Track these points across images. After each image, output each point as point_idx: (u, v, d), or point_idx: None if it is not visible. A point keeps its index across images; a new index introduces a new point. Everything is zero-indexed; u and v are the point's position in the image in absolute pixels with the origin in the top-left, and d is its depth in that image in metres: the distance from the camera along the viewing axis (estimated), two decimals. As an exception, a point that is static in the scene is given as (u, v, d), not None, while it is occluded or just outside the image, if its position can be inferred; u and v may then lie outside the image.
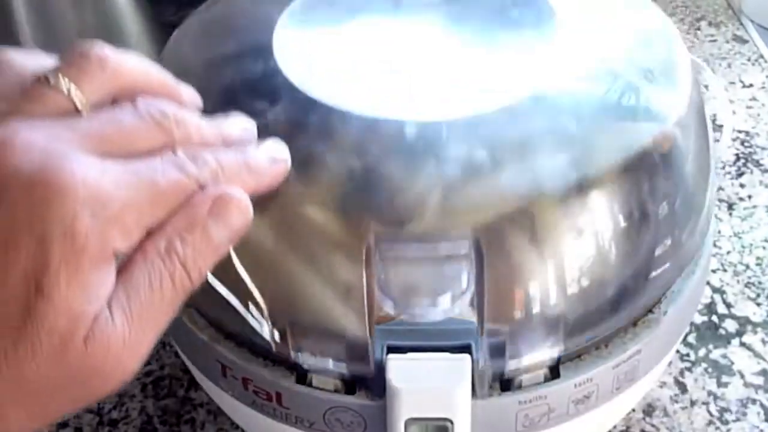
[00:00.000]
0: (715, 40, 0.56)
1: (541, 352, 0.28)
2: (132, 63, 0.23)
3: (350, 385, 0.28)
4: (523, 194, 0.26)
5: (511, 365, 0.28)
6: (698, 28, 0.58)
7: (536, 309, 0.27)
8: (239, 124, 0.25)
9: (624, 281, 0.28)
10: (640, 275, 0.28)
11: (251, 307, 0.27)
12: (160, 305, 0.21)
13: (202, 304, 0.29)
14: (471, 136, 0.27)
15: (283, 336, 0.28)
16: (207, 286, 0.27)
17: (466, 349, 0.27)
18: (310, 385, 0.28)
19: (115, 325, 0.20)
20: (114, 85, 0.22)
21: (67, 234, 0.19)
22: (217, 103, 0.29)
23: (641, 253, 0.28)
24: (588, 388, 0.29)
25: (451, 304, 0.26)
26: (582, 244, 0.27)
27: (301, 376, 0.28)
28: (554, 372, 0.28)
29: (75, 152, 0.20)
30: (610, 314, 0.28)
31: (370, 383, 0.27)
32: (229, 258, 0.24)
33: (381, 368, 0.27)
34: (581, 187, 0.26)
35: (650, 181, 0.28)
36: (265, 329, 0.27)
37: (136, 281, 0.21)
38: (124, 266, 0.21)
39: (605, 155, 0.27)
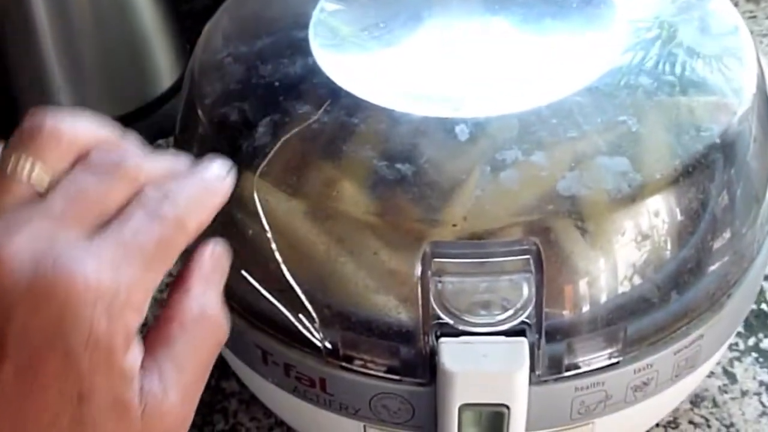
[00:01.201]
0: (754, 17, 0.54)
1: (600, 338, 0.26)
2: (84, 126, 0.22)
3: (397, 369, 0.27)
4: (579, 191, 0.25)
5: (568, 350, 0.26)
6: (736, 4, 0.56)
7: (594, 299, 0.25)
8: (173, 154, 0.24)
9: (685, 274, 0.27)
10: (702, 268, 0.27)
11: (294, 293, 0.26)
12: (207, 365, 0.22)
13: (240, 292, 0.28)
14: (524, 133, 0.26)
15: (327, 320, 0.26)
16: (243, 279, 0.26)
17: (521, 333, 0.25)
18: (355, 370, 0.27)
19: (170, 402, 0.20)
20: (71, 155, 0.21)
21: (89, 342, 0.19)
22: (257, 103, 0.28)
23: (703, 245, 0.27)
24: (647, 375, 0.27)
25: (511, 317, 0.25)
26: (641, 239, 0.26)
27: (346, 360, 0.27)
28: (613, 357, 0.27)
29: (65, 250, 0.19)
30: (672, 304, 0.27)
31: (418, 368, 0.26)
32: (270, 247, 0.24)
33: (432, 352, 0.25)
34: (639, 184, 0.25)
35: (712, 174, 0.27)
36: (310, 317, 0.26)
37: (180, 352, 0.21)
38: (159, 337, 0.21)
39: (663, 151, 0.26)
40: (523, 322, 0.26)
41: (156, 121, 0.49)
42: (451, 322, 0.25)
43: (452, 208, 0.25)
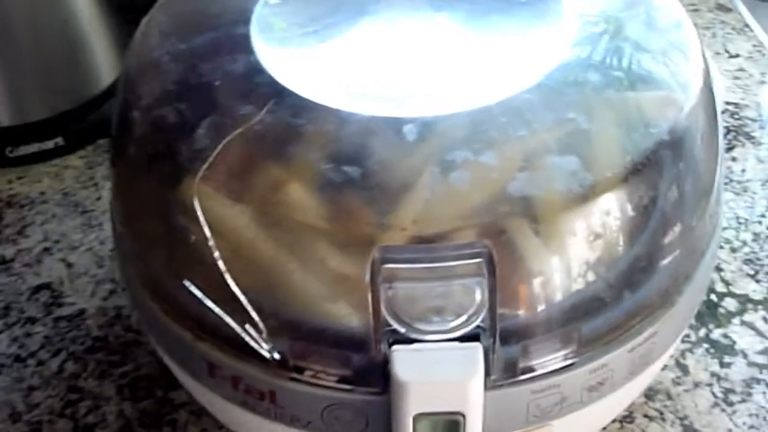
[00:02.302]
0: (697, 10, 0.55)
1: (555, 340, 0.26)
2: None
3: (349, 379, 0.26)
4: (530, 192, 0.24)
5: (522, 353, 0.26)
6: None
7: (548, 300, 0.25)
8: None
9: (638, 271, 0.26)
10: (655, 264, 0.27)
11: (239, 303, 0.25)
12: None
13: (184, 302, 0.27)
14: (474, 133, 0.25)
15: (275, 330, 0.25)
16: (187, 289, 0.25)
17: (475, 337, 0.25)
18: (305, 381, 0.26)
19: None
20: None
21: None
22: (197, 103, 0.27)
23: (655, 242, 0.26)
24: (602, 375, 0.27)
25: (465, 323, 0.24)
26: (594, 238, 0.25)
27: (296, 371, 0.26)
28: (568, 359, 0.26)
29: None
30: (625, 302, 0.26)
31: (371, 377, 0.25)
32: (212, 255, 0.22)
33: (385, 360, 0.25)
34: (590, 183, 0.25)
35: (661, 170, 0.26)
36: (256, 327, 0.25)
37: None
38: None
39: (614, 148, 0.26)
40: (477, 326, 0.25)
41: (97, 119, 0.47)
42: (402, 330, 0.24)
43: (401, 212, 0.24)
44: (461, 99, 0.27)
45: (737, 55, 0.51)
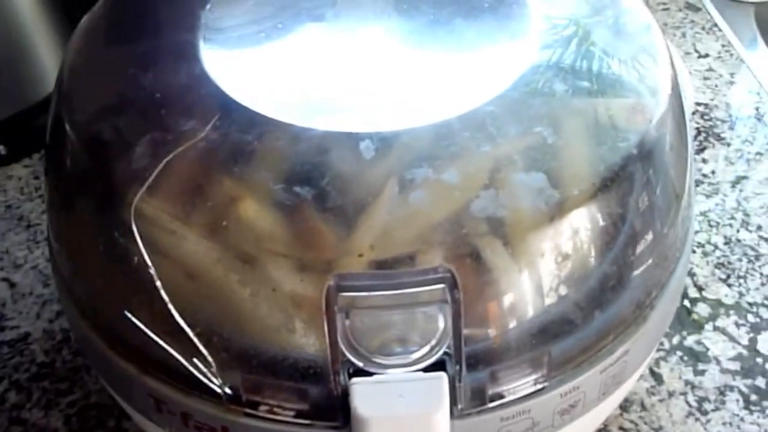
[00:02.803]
0: (667, 9, 0.54)
1: (524, 364, 0.25)
2: None
3: (308, 414, 0.24)
4: (495, 212, 0.23)
5: (491, 379, 0.24)
6: (648, -4, 0.55)
7: (515, 324, 0.23)
8: None
9: (608, 291, 0.25)
10: (625, 282, 0.25)
11: (186, 334, 0.23)
12: None
13: (127, 334, 0.25)
14: (435, 148, 0.24)
15: (225, 363, 0.24)
16: (129, 319, 0.23)
17: (441, 364, 0.23)
18: (260, 416, 0.24)
19: None
20: None
21: None
22: (136, 117, 0.25)
23: (625, 260, 0.25)
24: (574, 397, 0.26)
25: (428, 353, 0.22)
26: (561, 259, 0.24)
27: (250, 406, 0.24)
28: (538, 383, 0.25)
29: None
30: (596, 322, 0.25)
31: (331, 411, 0.24)
32: (154, 283, 0.20)
33: (345, 392, 0.23)
34: (557, 201, 0.23)
35: (631, 185, 0.25)
36: (205, 360, 0.23)
37: None
38: None
39: (581, 163, 0.24)
40: (444, 352, 0.23)
41: (43, 126, 0.45)
42: (360, 364, 0.22)
43: (358, 236, 0.23)
44: (421, 112, 0.25)
45: (707, 55, 0.50)
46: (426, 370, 0.23)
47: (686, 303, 0.38)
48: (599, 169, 0.24)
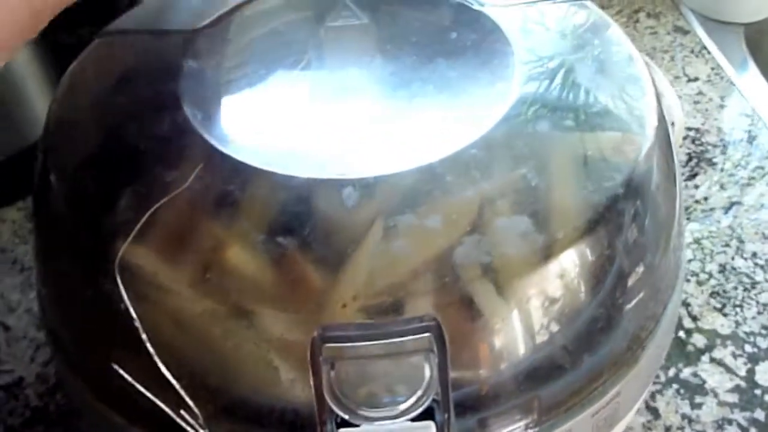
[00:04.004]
0: (655, 33, 0.54)
1: (513, 410, 0.24)
2: None
3: (296, 464, 0.24)
4: (479, 258, 0.23)
5: (480, 426, 0.24)
6: (637, 21, 0.56)
7: (502, 370, 0.23)
8: None
9: (598, 333, 0.25)
10: (615, 325, 0.25)
11: (173, 388, 0.23)
12: None
13: (115, 385, 0.24)
14: (417, 194, 0.24)
15: (212, 415, 0.23)
16: (115, 372, 0.23)
17: (428, 412, 0.23)
18: (249, 468, 0.24)
19: None
20: None
21: None
22: (120, 169, 0.25)
23: (614, 303, 0.25)
24: (566, 441, 0.26)
25: (415, 404, 0.22)
26: (548, 304, 0.24)
27: (238, 457, 0.24)
28: (529, 428, 0.25)
29: None
30: (585, 365, 0.25)
31: (319, 461, 0.24)
32: (139, 336, 0.20)
33: (331, 444, 0.23)
34: (542, 246, 0.23)
35: (619, 226, 0.25)
36: (192, 412, 0.23)
37: None
38: None
39: (567, 205, 0.24)
40: (432, 399, 0.23)
41: (33, 171, 0.45)
42: (345, 416, 0.22)
43: (342, 286, 0.22)
44: (404, 156, 0.25)
45: (696, 79, 0.50)
46: (414, 419, 0.23)
47: (681, 334, 0.38)
48: (585, 210, 0.24)
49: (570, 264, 0.24)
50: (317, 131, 0.26)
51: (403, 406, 0.22)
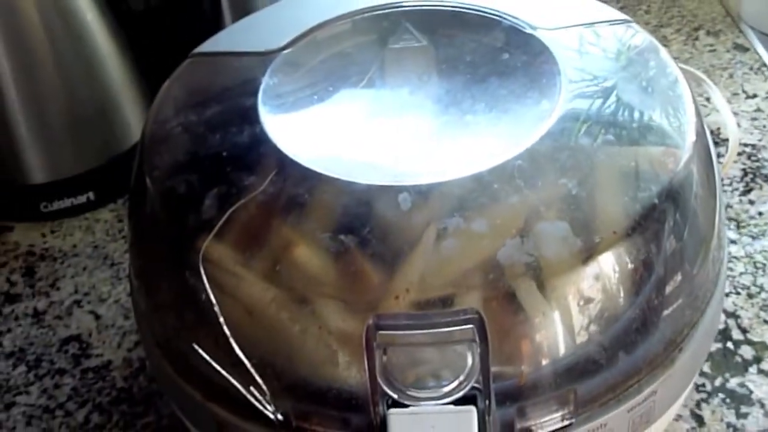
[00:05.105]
0: (714, 50, 0.55)
1: (551, 401, 0.26)
2: None
3: (351, 440, 0.27)
4: (521, 258, 0.25)
5: (519, 414, 0.26)
6: (696, 38, 0.56)
7: (543, 363, 0.25)
8: None
9: (635, 332, 0.27)
10: (653, 325, 0.27)
11: (245, 366, 0.26)
12: None
13: (194, 364, 0.28)
14: (466, 200, 0.26)
15: (278, 392, 0.26)
16: (196, 350, 0.26)
17: (471, 399, 0.25)
18: (309, 441, 0.27)
19: None
20: None
21: None
22: (205, 174, 0.28)
23: (653, 303, 0.27)
24: (602, 434, 0.27)
25: (457, 387, 0.25)
26: (588, 302, 0.26)
27: (300, 432, 0.27)
28: (566, 419, 0.27)
29: None
30: (622, 363, 0.27)
31: (372, 438, 0.26)
32: (218, 320, 0.23)
33: (383, 422, 0.25)
34: (579, 249, 0.25)
35: (658, 230, 0.27)
36: (261, 389, 0.26)
37: None
38: None
39: (606, 212, 0.26)
40: (473, 388, 0.26)
41: (124, 175, 0.50)
42: (395, 396, 0.25)
43: (396, 280, 0.25)
44: (455, 166, 0.27)
45: (755, 96, 0.51)
46: (457, 403, 0.25)
47: (729, 345, 0.39)
48: (624, 217, 0.26)
49: (608, 267, 0.26)
50: (377, 142, 0.29)
51: (446, 389, 0.25)
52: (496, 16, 0.33)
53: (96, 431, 0.38)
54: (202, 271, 0.27)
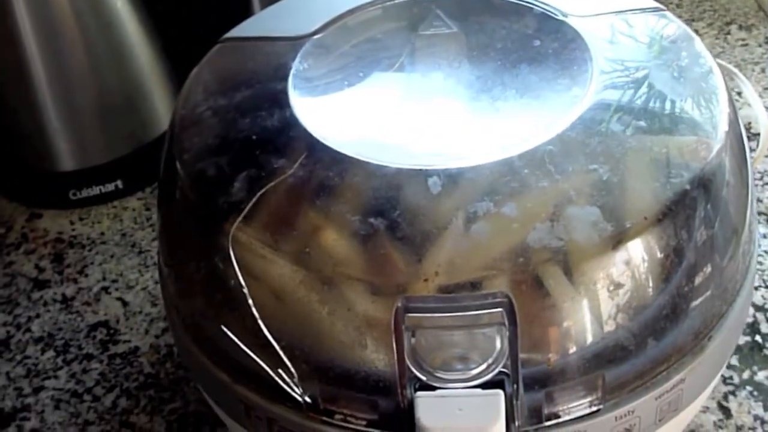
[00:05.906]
0: (746, 44, 0.54)
1: (579, 386, 0.26)
2: None
3: (377, 423, 0.27)
4: (550, 243, 0.25)
5: (547, 399, 0.26)
6: (728, 33, 0.56)
7: (571, 348, 0.25)
8: None
9: (664, 319, 0.26)
10: (682, 312, 0.27)
11: (273, 348, 0.26)
12: None
13: (223, 346, 0.28)
14: (496, 184, 0.26)
15: (306, 375, 0.27)
16: (224, 333, 0.27)
17: (500, 383, 0.25)
18: (336, 424, 0.27)
19: None
20: None
21: None
22: (234, 157, 0.29)
23: (682, 291, 0.27)
24: (629, 421, 0.27)
25: (485, 370, 0.25)
26: (617, 288, 0.25)
27: (327, 414, 0.27)
28: (593, 405, 0.26)
29: None
30: (651, 350, 0.26)
31: (398, 421, 0.26)
32: (247, 302, 0.24)
33: (411, 405, 0.25)
34: (610, 234, 0.25)
35: (687, 219, 0.26)
36: (289, 372, 0.26)
37: None
38: None
39: (637, 198, 0.26)
40: (501, 372, 0.26)
41: (152, 164, 0.50)
42: (423, 378, 0.25)
43: (425, 263, 0.25)
44: (485, 151, 0.27)
45: (785, 89, 0.50)
46: (485, 387, 0.25)
47: (758, 338, 0.38)
48: (654, 204, 0.26)
49: (638, 254, 0.26)
50: (407, 127, 0.29)
51: (474, 372, 0.25)
52: (527, 2, 0.33)
53: (123, 415, 0.38)
54: (231, 254, 0.27)
